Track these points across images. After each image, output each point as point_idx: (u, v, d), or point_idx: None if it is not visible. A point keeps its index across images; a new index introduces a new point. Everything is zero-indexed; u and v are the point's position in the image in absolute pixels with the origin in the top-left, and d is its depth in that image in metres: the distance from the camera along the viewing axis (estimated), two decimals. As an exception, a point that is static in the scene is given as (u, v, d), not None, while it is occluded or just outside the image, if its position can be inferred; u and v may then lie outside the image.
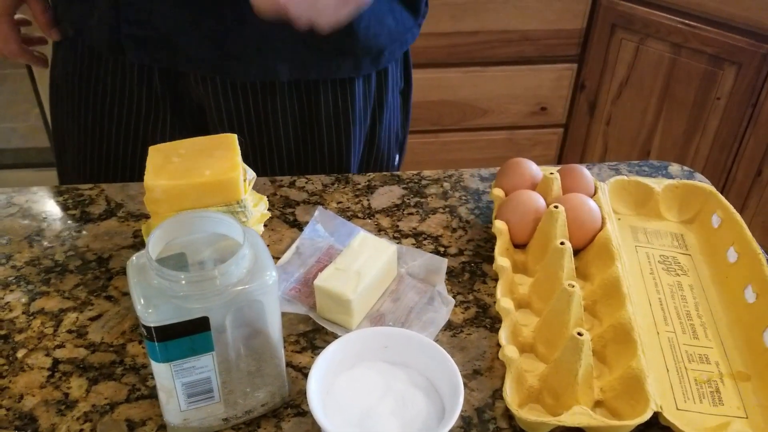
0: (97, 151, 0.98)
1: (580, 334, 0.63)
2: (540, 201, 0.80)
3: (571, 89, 2.04)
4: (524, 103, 2.05)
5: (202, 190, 0.66)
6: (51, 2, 0.96)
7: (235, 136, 0.72)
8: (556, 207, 0.77)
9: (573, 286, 0.67)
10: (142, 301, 0.53)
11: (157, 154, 0.69)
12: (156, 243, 0.55)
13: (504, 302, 0.71)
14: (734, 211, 0.83)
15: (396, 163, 1.08)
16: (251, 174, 0.73)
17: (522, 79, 2.01)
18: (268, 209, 0.82)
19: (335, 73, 0.91)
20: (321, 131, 0.95)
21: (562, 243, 0.73)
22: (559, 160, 2.17)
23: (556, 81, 2.02)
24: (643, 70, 1.88)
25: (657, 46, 1.83)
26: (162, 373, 0.56)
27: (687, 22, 1.76)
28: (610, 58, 1.93)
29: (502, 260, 0.76)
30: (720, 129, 1.82)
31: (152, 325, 0.53)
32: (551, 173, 0.83)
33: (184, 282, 0.53)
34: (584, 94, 2.02)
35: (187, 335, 0.55)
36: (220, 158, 0.68)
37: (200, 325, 0.54)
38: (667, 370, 0.69)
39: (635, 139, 1.98)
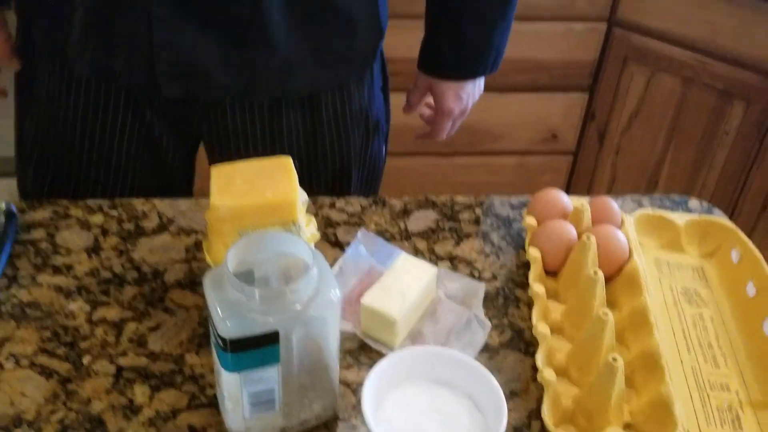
0: (67, 170, 0.99)
1: (614, 359, 0.67)
2: (572, 231, 0.85)
3: (581, 118, 2.09)
4: (535, 130, 2.09)
5: (263, 210, 0.70)
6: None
7: (290, 158, 0.76)
8: (588, 238, 0.81)
9: (607, 314, 0.72)
10: (219, 313, 0.57)
11: (219, 175, 0.72)
12: (232, 259, 0.59)
13: (541, 327, 0.75)
14: (753, 247, 0.87)
15: (383, 155, 1.15)
16: (304, 196, 0.77)
17: (534, 106, 2.05)
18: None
19: (336, 80, 0.98)
20: (323, 137, 1.01)
21: (595, 272, 0.77)
22: (568, 187, 2.22)
23: (568, 109, 2.07)
24: (654, 103, 1.93)
25: (668, 79, 1.88)
26: (231, 382, 0.60)
27: (698, 57, 1.81)
28: (621, 90, 1.97)
29: (537, 287, 0.80)
30: (727, 163, 1.87)
31: (228, 336, 0.57)
32: (582, 204, 0.88)
33: (259, 298, 0.57)
34: (594, 123, 2.07)
35: (258, 347, 0.59)
36: (279, 180, 0.72)
37: (271, 339, 0.58)
38: (691, 397, 0.73)
39: (644, 170, 2.03)
